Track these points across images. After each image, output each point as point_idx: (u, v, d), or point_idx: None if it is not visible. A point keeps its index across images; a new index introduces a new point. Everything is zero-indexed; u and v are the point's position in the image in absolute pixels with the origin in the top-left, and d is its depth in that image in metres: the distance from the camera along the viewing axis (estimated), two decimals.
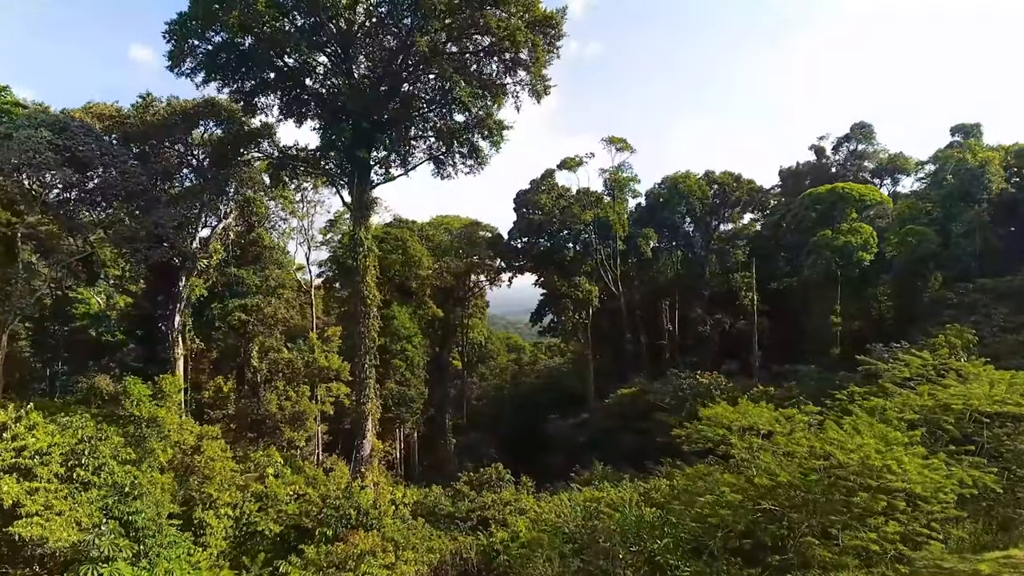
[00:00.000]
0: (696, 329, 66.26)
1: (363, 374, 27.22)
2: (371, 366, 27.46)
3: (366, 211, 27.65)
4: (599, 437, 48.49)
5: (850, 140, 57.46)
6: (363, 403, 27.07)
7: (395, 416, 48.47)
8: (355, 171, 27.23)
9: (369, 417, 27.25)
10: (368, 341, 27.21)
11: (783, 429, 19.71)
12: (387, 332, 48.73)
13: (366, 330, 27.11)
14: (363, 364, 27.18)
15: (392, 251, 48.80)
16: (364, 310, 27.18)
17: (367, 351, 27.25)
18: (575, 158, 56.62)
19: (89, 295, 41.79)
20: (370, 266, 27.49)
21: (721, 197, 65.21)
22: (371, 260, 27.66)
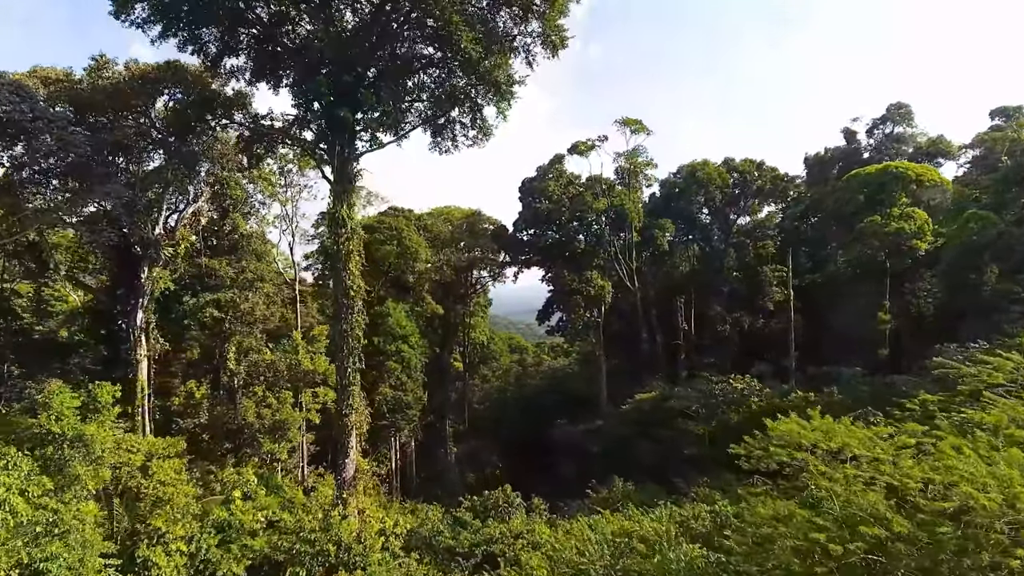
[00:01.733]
0: (715, 328, 61.60)
1: (346, 380, 22.67)
2: (355, 370, 22.91)
3: (349, 184, 23.09)
4: (614, 446, 43.93)
5: (885, 122, 52.98)
6: (345, 414, 22.52)
7: (390, 424, 43.94)
8: (336, 136, 22.67)
9: (353, 431, 22.71)
10: (352, 341, 22.67)
11: (883, 454, 15.39)
12: (380, 331, 44.24)
13: (349, 328, 22.58)
14: (346, 368, 22.64)
15: (386, 241, 44.28)
16: (347, 303, 22.63)
17: (350, 352, 22.71)
18: (586, 142, 52.04)
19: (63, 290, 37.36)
20: (354, 251, 22.96)
21: (741, 186, 60.59)
22: (355, 244, 23.12)
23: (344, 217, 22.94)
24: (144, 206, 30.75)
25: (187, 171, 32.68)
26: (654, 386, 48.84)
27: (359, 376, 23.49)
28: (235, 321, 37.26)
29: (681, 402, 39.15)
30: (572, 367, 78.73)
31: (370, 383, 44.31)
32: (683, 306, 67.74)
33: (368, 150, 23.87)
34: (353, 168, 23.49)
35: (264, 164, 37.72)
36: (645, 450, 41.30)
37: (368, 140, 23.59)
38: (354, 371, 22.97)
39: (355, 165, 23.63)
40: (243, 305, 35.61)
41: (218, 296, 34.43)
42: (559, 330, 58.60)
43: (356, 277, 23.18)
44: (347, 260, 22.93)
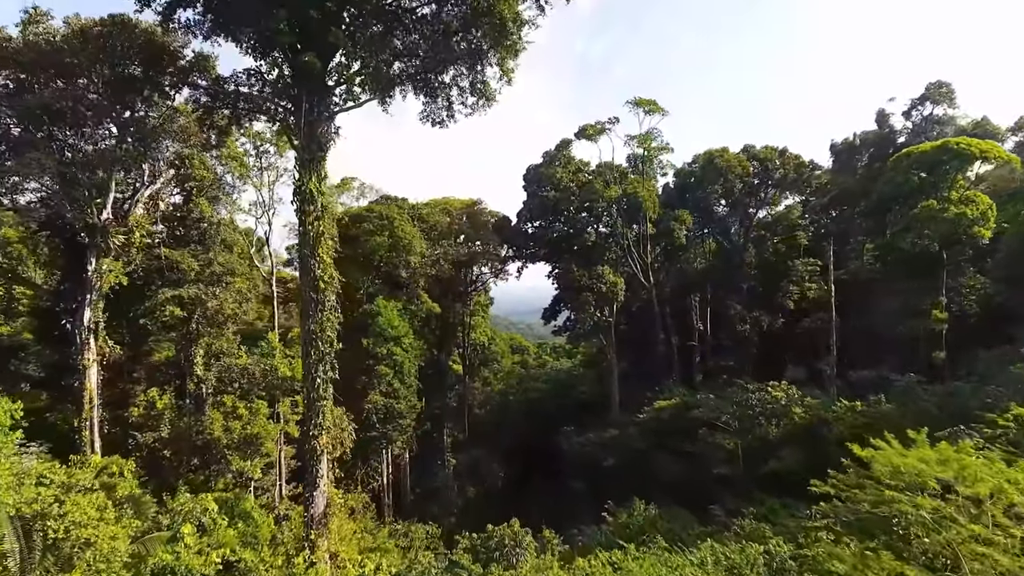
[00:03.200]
0: (732, 328, 57.00)
1: (315, 392, 18.25)
2: (327, 380, 18.49)
3: (320, 151, 18.65)
4: (630, 460, 39.43)
5: (924, 103, 48.52)
6: (314, 435, 18.10)
7: (380, 435, 39.46)
8: (302, 90, 18.25)
9: (324, 456, 18.27)
10: (323, 344, 18.24)
11: None
12: (370, 332, 39.78)
13: (319, 328, 18.15)
14: (315, 378, 18.21)
15: (376, 232, 39.82)
16: (316, 298, 18.21)
17: (321, 358, 18.27)
18: (595, 125, 47.53)
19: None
20: (325, 233, 18.55)
21: (762, 176, 56.08)
22: (327, 224, 18.69)
23: (313, 191, 18.51)
24: (89, 186, 26.33)
25: (141, 147, 28.28)
26: (672, 392, 44.35)
27: (331, 387, 19.02)
28: (203, 321, 32.87)
29: (708, 412, 34.64)
30: (578, 369, 74.31)
31: (358, 390, 39.87)
32: (698, 305, 63.40)
33: (342, 109, 19.40)
34: (325, 131, 19.04)
35: (237, 142, 33.36)
36: (666, 466, 36.84)
37: (343, 95, 19.10)
38: (326, 381, 18.54)
39: (328, 128, 19.18)
40: (210, 303, 31.17)
41: (180, 292, 29.98)
42: (566, 330, 54.06)
43: (328, 265, 18.74)
44: (316, 244, 18.50)
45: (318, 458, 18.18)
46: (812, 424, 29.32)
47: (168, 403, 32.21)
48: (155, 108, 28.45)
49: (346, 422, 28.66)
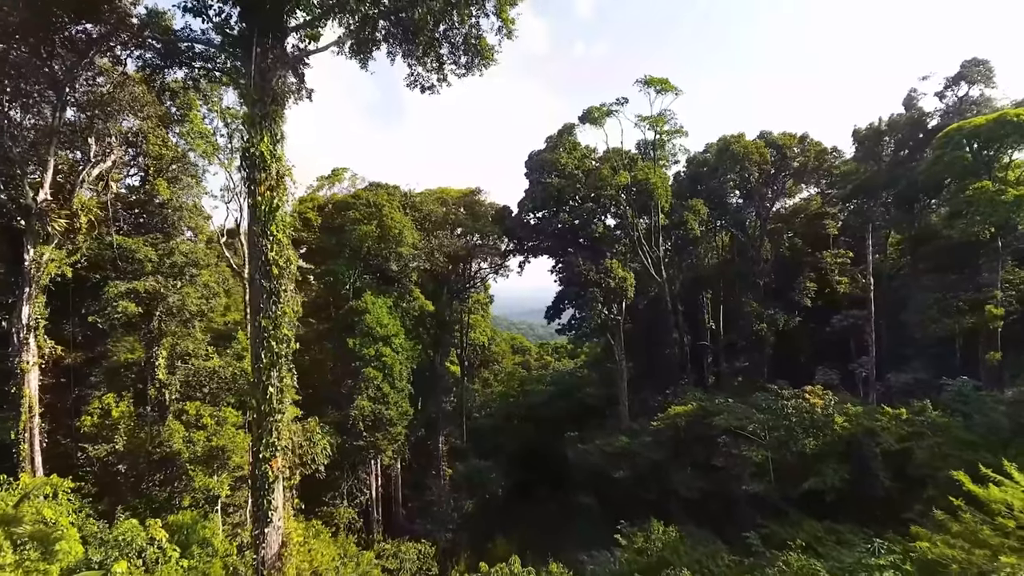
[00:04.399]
0: (748, 327, 53.16)
1: (265, 404, 14.59)
2: (281, 389, 14.81)
3: (275, 103, 14.98)
4: (644, 472, 35.76)
5: (959, 82, 44.83)
6: (264, 458, 14.44)
7: (368, 444, 35.79)
8: (252, 25, 14.61)
9: (278, 484, 14.62)
10: (276, 344, 14.59)
11: None
12: (357, 332, 36.14)
13: (272, 324, 14.50)
14: (264, 386, 14.56)
15: (362, 220, 36.14)
16: (267, 286, 14.57)
17: (273, 362, 14.62)
18: (602, 107, 43.80)
19: None
20: (280, 206, 14.89)
21: (779, 164, 52.37)
22: (281, 195, 15.04)
23: (265, 155, 14.85)
24: (21, 161, 22.72)
25: (86, 118, 24.69)
26: (688, 397, 40.63)
27: (289, 397, 15.33)
28: (167, 318, 29.25)
29: (732, 419, 30.93)
30: (582, 370, 70.69)
31: (344, 395, 36.24)
32: (709, 302, 59.74)
33: (304, 52, 15.71)
34: (282, 80, 15.36)
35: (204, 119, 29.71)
36: (686, 480, 33.18)
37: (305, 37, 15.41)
38: (281, 390, 14.86)
39: (285, 77, 15.50)
40: (171, 297, 27.53)
41: (135, 285, 26.33)
42: (571, 329, 50.34)
43: (284, 247, 15.09)
44: (269, 220, 14.83)
45: (270, 486, 14.51)
46: (856, 436, 25.62)
47: (126, 411, 28.63)
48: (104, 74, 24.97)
49: (319, 434, 25.01)
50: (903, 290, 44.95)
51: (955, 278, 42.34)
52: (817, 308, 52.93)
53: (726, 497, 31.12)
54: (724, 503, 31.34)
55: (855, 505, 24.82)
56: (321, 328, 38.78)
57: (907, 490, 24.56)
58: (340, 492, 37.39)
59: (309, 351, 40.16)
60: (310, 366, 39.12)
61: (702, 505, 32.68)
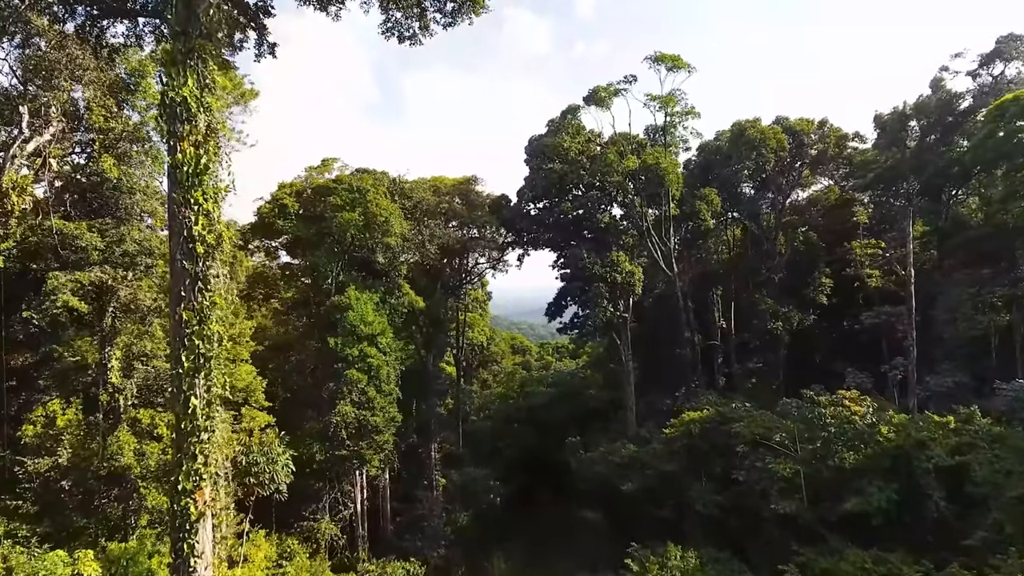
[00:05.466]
0: (762, 325, 49.78)
1: (187, 420, 11.31)
2: (209, 401, 11.52)
3: (203, 36, 11.68)
4: (655, 486, 32.38)
5: (993, 60, 41.45)
6: (183, 490, 11.15)
7: (351, 454, 32.50)
8: None
9: (206, 522, 11.34)
10: (201, 343, 11.33)
11: None
12: (339, 330, 32.86)
13: (194, 316, 11.23)
14: (186, 396, 11.28)
15: (345, 206, 32.83)
16: (189, 270, 11.30)
17: (198, 366, 11.35)
18: (608, 87, 40.39)
19: None
20: (210, 166, 11.62)
21: (796, 151, 49.05)
22: (212, 153, 11.77)
23: (189, 102, 11.56)
24: None
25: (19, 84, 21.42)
26: (702, 401, 37.31)
27: (220, 410, 12.04)
28: (121, 315, 25.96)
29: (757, 428, 27.58)
30: (584, 371, 67.46)
31: (325, 400, 32.97)
32: (719, 299, 56.38)
33: None
34: (215, 8, 12.04)
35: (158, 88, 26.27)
36: (703, 495, 29.81)
37: None
38: (207, 403, 11.57)
39: (219, 4, 12.18)
40: (122, 291, 24.23)
41: (78, 277, 23.04)
42: (574, 327, 47.05)
43: (213, 220, 11.82)
44: (194, 185, 11.54)
45: (192, 527, 11.21)
46: (904, 449, 22.28)
47: (73, 419, 25.31)
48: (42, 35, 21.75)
49: (279, 449, 21.66)
50: (930, 286, 41.61)
51: (989, 272, 39.12)
52: (833, 305, 49.72)
53: (749, 515, 27.80)
54: (747, 521, 28.01)
55: (905, 530, 21.53)
56: (301, 326, 35.54)
57: (965, 512, 21.25)
58: (322, 505, 34.12)
59: (289, 353, 36.95)
60: (291, 368, 35.88)
61: (721, 523, 29.38)
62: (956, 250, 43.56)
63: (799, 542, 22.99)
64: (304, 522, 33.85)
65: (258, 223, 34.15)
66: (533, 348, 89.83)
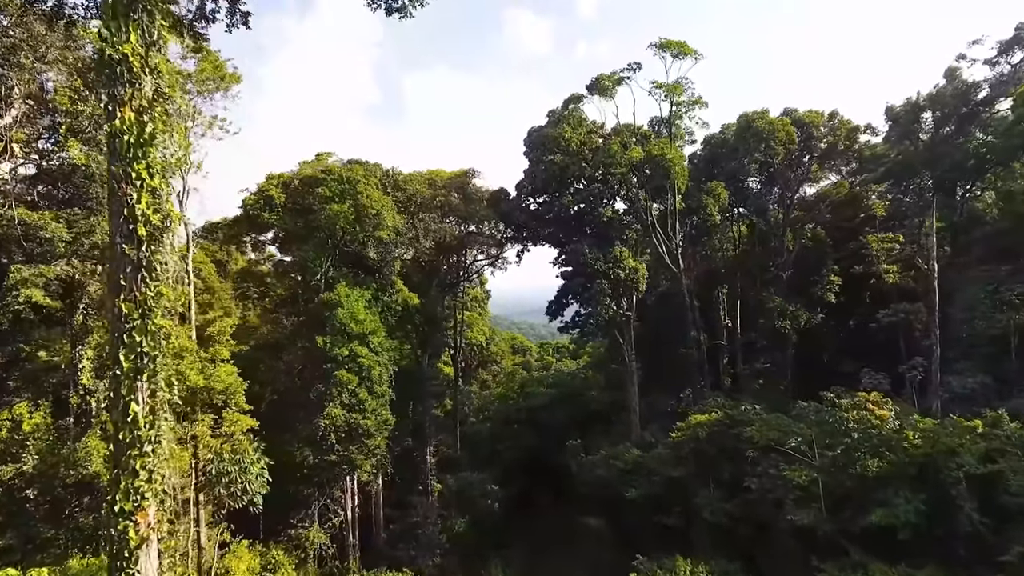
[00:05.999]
0: (769, 324, 48.14)
1: (127, 430, 9.72)
2: (154, 407, 9.91)
3: None
4: (662, 493, 30.73)
5: (1013, 48, 39.83)
6: (120, 511, 9.54)
7: (340, 460, 30.87)
8: None
9: (147, 549, 9.74)
10: (141, 338, 9.70)
11: None
12: (328, 329, 31.26)
13: (133, 308, 9.62)
14: (125, 403, 9.69)
15: (334, 198, 31.22)
16: (131, 255, 9.70)
17: (138, 368, 9.75)
18: (612, 75, 38.76)
19: None
20: (157, 136, 10.02)
21: (805, 144, 47.42)
22: (159, 121, 10.18)
23: (132, 59, 9.98)
24: None
25: None
26: (709, 403, 35.66)
27: (169, 419, 10.44)
28: (93, 312, 24.40)
29: (769, 432, 25.94)
30: (585, 372, 65.84)
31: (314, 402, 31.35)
32: (725, 297, 54.74)
33: None
34: None
35: None
36: (712, 503, 28.17)
37: None
38: (151, 410, 9.98)
39: None
40: (91, 286, 22.66)
41: (43, 270, 21.47)
42: (575, 326, 45.42)
43: (161, 199, 10.22)
44: (134, 158, 9.94)
45: (132, 554, 9.62)
46: (932, 456, 20.64)
47: (41, 423, 23.76)
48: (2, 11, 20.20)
49: (252, 456, 20.03)
50: (944, 283, 39.95)
51: (1008, 268, 37.56)
52: (841, 304, 48.16)
53: (761, 525, 26.17)
54: (759, 531, 26.38)
55: (935, 543, 19.88)
56: (291, 325, 33.94)
57: (1000, 526, 19.59)
58: (310, 512, 32.50)
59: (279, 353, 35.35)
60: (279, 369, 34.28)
61: (731, 532, 27.72)
62: (972, 246, 42.00)
63: (818, 555, 21.37)
64: (292, 530, 32.31)
65: (243, 216, 32.57)
66: (533, 348, 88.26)
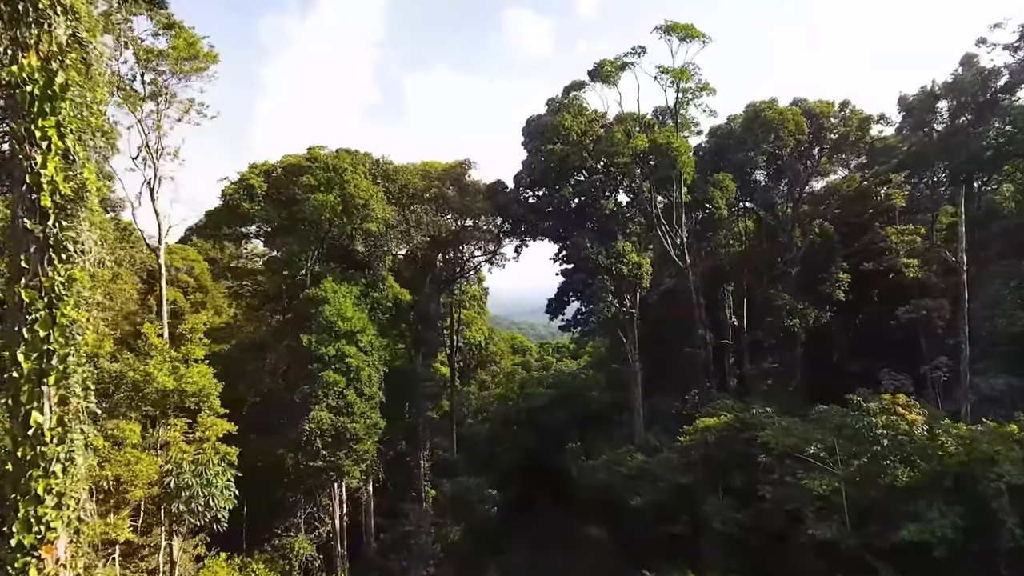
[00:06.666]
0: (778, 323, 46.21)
1: (26, 446, 7.90)
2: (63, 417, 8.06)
3: None
4: (669, 502, 28.88)
5: None
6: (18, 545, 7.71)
7: (328, 464, 29.06)
8: None
9: None
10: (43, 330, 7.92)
11: None
12: (313, 325, 29.45)
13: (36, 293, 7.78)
14: (25, 412, 7.88)
15: (320, 186, 29.41)
16: (34, 232, 7.90)
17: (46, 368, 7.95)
18: (615, 60, 36.88)
19: None
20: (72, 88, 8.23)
21: (815, 135, 45.60)
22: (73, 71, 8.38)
23: None
24: None
25: None
26: (717, 405, 33.80)
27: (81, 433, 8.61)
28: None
29: (785, 437, 24.11)
30: (586, 372, 64.03)
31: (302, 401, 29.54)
32: (730, 295, 52.88)
33: None
34: None
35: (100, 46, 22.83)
36: (723, 513, 26.34)
37: None
38: (56, 417, 8.17)
39: None
40: None
41: None
42: (576, 324, 43.60)
43: (75, 165, 8.41)
44: (40, 113, 8.14)
45: None
46: (968, 465, 18.80)
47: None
48: None
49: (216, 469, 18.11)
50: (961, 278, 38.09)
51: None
52: (849, 301, 46.33)
53: (776, 536, 24.34)
54: (773, 543, 24.55)
55: (973, 561, 18.05)
56: (275, 323, 32.14)
57: None
58: (296, 521, 30.70)
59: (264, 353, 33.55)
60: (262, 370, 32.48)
61: (743, 543, 25.91)
62: (991, 241, 40.17)
63: (842, 572, 19.54)
64: (276, 540, 30.50)
65: (223, 208, 30.71)
66: (533, 348, 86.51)
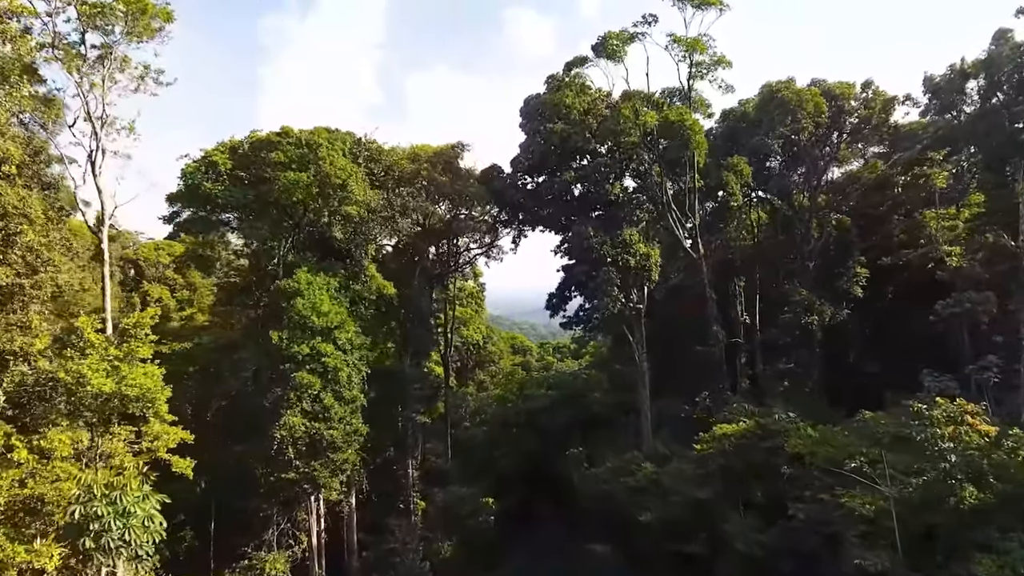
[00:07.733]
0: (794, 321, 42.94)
1: None
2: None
3: None
4: (683, 518, 25.71)
5: None
6: None
7: (302, 476, 25.93)
8: None
9: None
10: None
11: None
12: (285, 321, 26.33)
13: None
14: None
15: (291, 164, 26.26)
16: None
17: None
18: (622, 32, 33.61)
19: None
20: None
21: (835, 119, 42.44)
22: None
23: None
24: None
25: None
26: (734, 409, 30.59)
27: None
28: None
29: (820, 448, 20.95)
30: (588, 372, 60.96)
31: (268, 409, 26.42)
32: (741, 290, 49.64)
33: None
34: None
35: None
36: (743, 532, 23.17)
37: None
38: None
39: None
40: None
41: None
42: (579, 321, 40.48)
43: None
44: None
45: None
46: None
47: None
48: None
49: (134, 495, 14.88)
50: None
51: None
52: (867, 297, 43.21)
53: (808, 560, 21.20)
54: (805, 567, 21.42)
55: None
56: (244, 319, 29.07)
57: None
58: (267, 539, 27.57)
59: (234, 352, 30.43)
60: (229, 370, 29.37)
61: (769, 568, 22.78)
62: None
63: None
64: (246, 559, 27.40)
65: (182, 189, 27.51)
66: (533, 348, 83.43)
